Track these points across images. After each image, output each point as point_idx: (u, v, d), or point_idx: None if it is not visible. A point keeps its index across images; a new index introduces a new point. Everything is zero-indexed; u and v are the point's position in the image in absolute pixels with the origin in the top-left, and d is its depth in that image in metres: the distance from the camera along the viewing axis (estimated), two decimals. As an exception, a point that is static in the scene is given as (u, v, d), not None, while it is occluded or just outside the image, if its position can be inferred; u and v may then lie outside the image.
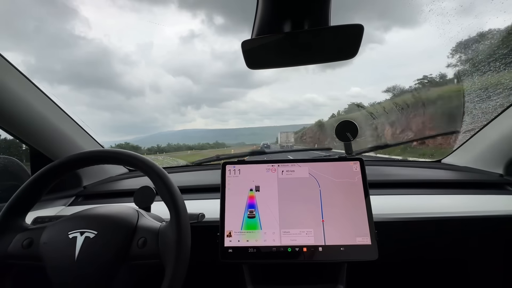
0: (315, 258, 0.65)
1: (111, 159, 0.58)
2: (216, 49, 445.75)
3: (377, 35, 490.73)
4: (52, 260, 0.51)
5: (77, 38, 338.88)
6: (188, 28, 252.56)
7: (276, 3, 0.49)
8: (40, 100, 0.85)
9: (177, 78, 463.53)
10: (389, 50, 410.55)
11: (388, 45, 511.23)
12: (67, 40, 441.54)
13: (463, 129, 1.19)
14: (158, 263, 0.50)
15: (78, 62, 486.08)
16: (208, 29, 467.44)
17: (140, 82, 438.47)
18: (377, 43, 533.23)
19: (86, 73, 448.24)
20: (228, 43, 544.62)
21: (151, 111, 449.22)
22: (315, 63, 0.60)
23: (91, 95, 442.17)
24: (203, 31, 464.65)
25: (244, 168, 0.74)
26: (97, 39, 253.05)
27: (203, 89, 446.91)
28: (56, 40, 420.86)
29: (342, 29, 0.51)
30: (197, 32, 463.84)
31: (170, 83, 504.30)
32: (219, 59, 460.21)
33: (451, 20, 1.55)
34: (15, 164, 0.97)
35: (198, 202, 0.91)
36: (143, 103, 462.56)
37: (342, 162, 0.72)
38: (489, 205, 0.83)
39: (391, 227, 0.78)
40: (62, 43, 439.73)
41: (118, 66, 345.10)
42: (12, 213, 0.55)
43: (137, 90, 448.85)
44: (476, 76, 1.27)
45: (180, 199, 0.53)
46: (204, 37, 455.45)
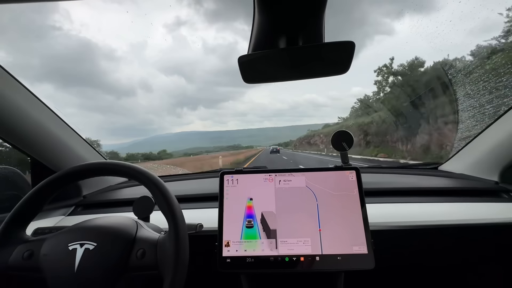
0: (313, 268, 0.65)
1: (111, 171, 0.59)
2: (208, 41, 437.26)
3: (387, 23, 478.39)
4: (52, 271, 0.51)
5: (54, 29, 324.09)
6: (174, 14, 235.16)
7: (271, 20, 0.51)
8: (39, 110, 0.87)
9: (170, 77, 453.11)
10: (399, 43, 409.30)
11: (398, 36, 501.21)
12: (44, 32, 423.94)
13: (459, 137, 1.20)
14: (157, 275, 0.51)
15: (57, 57, 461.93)
16: (196, 14, 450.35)
17: (128, 80, 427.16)
18: (386, 34, 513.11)
19: (69, 70, 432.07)
20: (221, 32, 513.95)
21: (145, 112, 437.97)
22: (309, 77, 0.62)
23: (79, 95, 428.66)
24: (190, 17, 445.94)
25: (242, 178, 0.75)
26: (75, 30, 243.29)
27: (198, 88, 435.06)
28: (32, 32, 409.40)
29: (335, 45, 0.53)
30: (183, 18, 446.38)
31: (162, 82, 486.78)
32: (212, 52, 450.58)
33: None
34: (15, 174, 0.98)
35: (196, 211, 0.91)
36: (135, 103, 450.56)
37: (338, 172, 0.74)
38: (485, 212, 0.84)
39: (387, 235, 0.79)
40: (38, 35, 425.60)
41: (102, 62, 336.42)
42: (13, 225, 0.55)
43: (127, 89, 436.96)
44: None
45: (178, 210, 0.54)
46: (192, 25, 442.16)
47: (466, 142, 1.07)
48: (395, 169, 1.21)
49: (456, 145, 1.17)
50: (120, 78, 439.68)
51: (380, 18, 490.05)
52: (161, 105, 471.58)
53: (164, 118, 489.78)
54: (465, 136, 1.13)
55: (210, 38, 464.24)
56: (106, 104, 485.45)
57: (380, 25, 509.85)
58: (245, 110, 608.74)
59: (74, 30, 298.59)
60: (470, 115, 1.17)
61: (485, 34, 3.74)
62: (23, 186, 0.98)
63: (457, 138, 1.21)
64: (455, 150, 1.15)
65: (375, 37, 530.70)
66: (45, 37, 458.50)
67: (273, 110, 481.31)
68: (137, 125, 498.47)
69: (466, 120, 1.15)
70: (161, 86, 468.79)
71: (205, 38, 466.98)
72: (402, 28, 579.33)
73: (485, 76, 1.18)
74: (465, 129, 1.15)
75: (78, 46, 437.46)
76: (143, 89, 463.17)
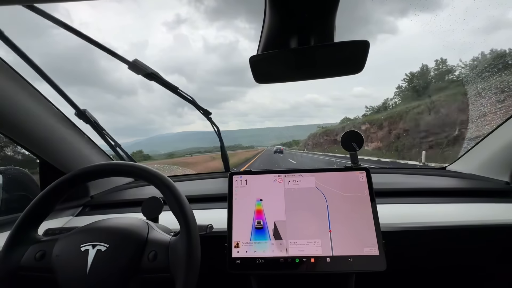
0: (323, 269, 0.65)
1: (123, 171, 0.59)
2: (209, 39, 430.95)
3: (390, 21, 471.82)
4: (64, 272, 0.51)
5: (52, 28, 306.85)
6: (174, 12, 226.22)
7: (282, 20, 0.51)
8: (48, 111, 0.87)
9: (170, 76, 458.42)
10: (401, 42, 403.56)
11: (401, 35, 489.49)
12: (42, 31, 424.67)
13: (468, 136, 1.19)
14: (169, 277, 0.51)
15: (56, 55, 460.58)
16: (196, 12, 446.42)
17: (129, 79, 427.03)
18: (389, 33, 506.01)
19: (68, 69, 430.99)
20: (221, 30, 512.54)
21: (146, 112, 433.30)
22: (321, 77, 0.61)
23: (80, 95, 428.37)
24: (190, 15, 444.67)
25: (251, 179, 0.75)
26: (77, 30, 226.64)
27: (199, 88, 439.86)
28: (31, 30, 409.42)
29: (348, 45, 0.52)
30: (183, 16, 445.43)
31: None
32: (213, 51, 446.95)
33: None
34: (24, 174, 0.99)
35: (205, 211, 0.91)
36: (136, 103, 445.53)
37: (348, 172, 0.73)
38: (496, 213, 0.83)
39: (398, 236, 0.78)
40: (36, 34, 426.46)
41: (102, 61, 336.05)
42: (25, 226, 0.56)
43: (128, 88, 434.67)
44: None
45: (190, 212, 0.54)
46: (192, 23, 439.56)
47: (475, 141, 1.05)
48: (403, 169, 1.19)
49: (466, 145, 1.16)
50: (121, 77, 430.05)
51: (384, 16, 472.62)
52: (162, 104, 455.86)
53: (165, 118, 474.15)
54: (474, 136, 1.12)
55: (210, 37, 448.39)
56: (106, 104, 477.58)
57: (384, 23, 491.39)
58: (246, 110, 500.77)
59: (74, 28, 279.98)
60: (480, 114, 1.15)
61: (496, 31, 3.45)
62: (32, 186, 0.98)
63: (466, 137, 1.20)
64: (464, 150, 1.13)
65: (378, 36, 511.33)
66: (43, 36, 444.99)
67: (275, 110, 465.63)
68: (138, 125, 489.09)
69: (476, 120, 1.14)
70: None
71: (205, 37, 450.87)
72: (406, 27, 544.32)
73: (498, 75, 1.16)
74: (475, 128, 1.13)
75: (77, 45, 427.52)
76: (144, 88, 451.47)
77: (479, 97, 1.14)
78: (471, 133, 1.14)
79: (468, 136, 1.18)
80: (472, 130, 1.11)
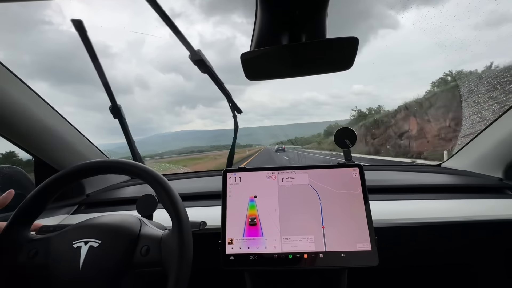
0: (316, 265, 0.65)
1: (115, 169, 0.60)
2: (205, 36, 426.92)
3: (392, 16, 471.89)
4: (57, 269, 0.52)
5: (43, 24, 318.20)
6: (168, 6, 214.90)
7: (274, 17, 0.51)
8: (42, 109, 0.87)
9: (167, 75, 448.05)
10: (403, 38, 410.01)
11: (403, 31, 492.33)
12: (33, 27, 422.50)
13: (462, 134, 1.20)
14: (161, 271, 0.51)
15: (48, 53, 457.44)
16: (191, 5, 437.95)
17: (124, 78, 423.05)
18: (391, 28, 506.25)
19: (62, 66, 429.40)
20: (218, 26, 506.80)
21: (143, 111, 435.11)
22: (312, 74, 0.61)
23: (74, 93, 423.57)
24: (185, 9, 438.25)
25: (244, 176, 0.75)
26: (66, 25, 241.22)
27: (197, 87, 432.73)
28: (21, 27, 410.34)
29: (338, 41, 0.52)
30: (177, 10, 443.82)
31: (160, 80, 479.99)
32: (210, 48, 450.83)
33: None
34: (19, 173, 0.99)
35: (200, 209, 0.92)
36: (133, 102, 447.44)
37: (341, 169, 0.74)
38: (489, 209, 0.84)
39: (391, 232, 0.79)
40: (28, 30, 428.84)
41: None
42: (18, 224, 0.56)
43: (124, 87, 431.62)
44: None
45: (182, 208, 0.54)
46: (187, 17, 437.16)
47: (469, 138, 1.06)
48: (398, 166, 1.20)
49: (460, 142, 1.16)
50: (116, 75, 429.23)
51: (385, 10, 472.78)
52: (159, 103, 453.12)
53: (163, 117, 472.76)
54: (468, 133, 1.12)
55: (207, 33, 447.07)
56: (102, 103, 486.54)
57: (385, 17, 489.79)
58: (245, 109, 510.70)
59: (66, 25, 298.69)
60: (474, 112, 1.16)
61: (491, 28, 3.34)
62: (27, 185, 0.98)
63: (460, 134, 1.21)
64: (458, 146, 1.14)
65: (379, 31, 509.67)
66: (34, 32, 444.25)
67: (273, 109, 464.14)
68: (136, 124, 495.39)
69: (470, 117, 1.15)
70: (158, 84, 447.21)
71: (202, 33, 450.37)
72: (407, 23, 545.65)
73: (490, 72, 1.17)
74: (469, 125, 1.14)
75: (70, 41, 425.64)
76: (140, 86, 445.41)
77: (472, 93, 1.15)
78: (465, 130, 1.15)
79: (462, 133, 1.18)
80: (466, 127, 1.12)
